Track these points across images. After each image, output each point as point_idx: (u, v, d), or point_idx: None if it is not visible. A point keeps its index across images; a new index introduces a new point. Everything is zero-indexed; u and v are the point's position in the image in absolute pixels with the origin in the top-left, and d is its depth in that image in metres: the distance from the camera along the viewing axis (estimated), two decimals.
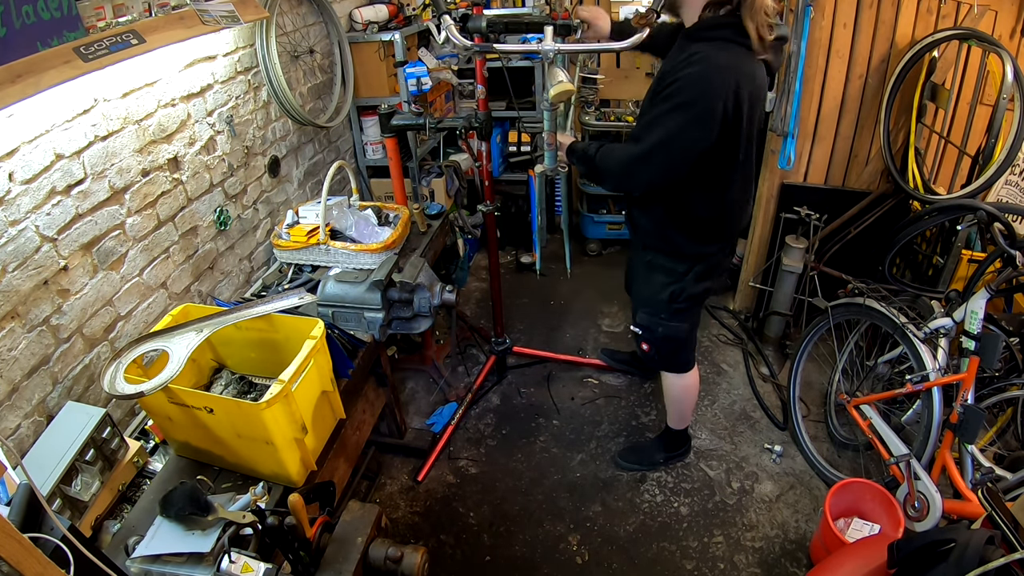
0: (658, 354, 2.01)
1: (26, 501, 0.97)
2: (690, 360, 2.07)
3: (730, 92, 1.45)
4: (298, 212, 2.29)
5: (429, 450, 2.38)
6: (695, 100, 1.47)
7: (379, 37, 2.75)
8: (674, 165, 1.58)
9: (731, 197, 1.70)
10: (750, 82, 1.50)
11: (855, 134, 2.62)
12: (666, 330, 1.92)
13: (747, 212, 1.84)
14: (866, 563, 1.39)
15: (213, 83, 2.01)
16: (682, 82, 1.48)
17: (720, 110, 1.46)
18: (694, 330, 2.02)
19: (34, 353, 1.46)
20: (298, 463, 1.48)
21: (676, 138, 1.52)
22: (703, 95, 1.46)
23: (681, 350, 2.03)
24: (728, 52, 1.46)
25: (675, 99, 1.49)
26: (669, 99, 1.51)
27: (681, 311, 1.87)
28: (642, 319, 1.96)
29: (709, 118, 1.47)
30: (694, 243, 1.77)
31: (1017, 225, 1.98)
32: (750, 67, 1.50)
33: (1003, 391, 1.86)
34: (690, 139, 1.51)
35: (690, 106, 1.48)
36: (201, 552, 1.20)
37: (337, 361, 1.69)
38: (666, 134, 1.53)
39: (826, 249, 2.69)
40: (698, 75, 1.46)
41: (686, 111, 1.49)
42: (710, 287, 1.88)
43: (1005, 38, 2.37)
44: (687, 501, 2.19)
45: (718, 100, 1.45)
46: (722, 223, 1.76)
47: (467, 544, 2.08)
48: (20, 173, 1.38)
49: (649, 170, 1.61)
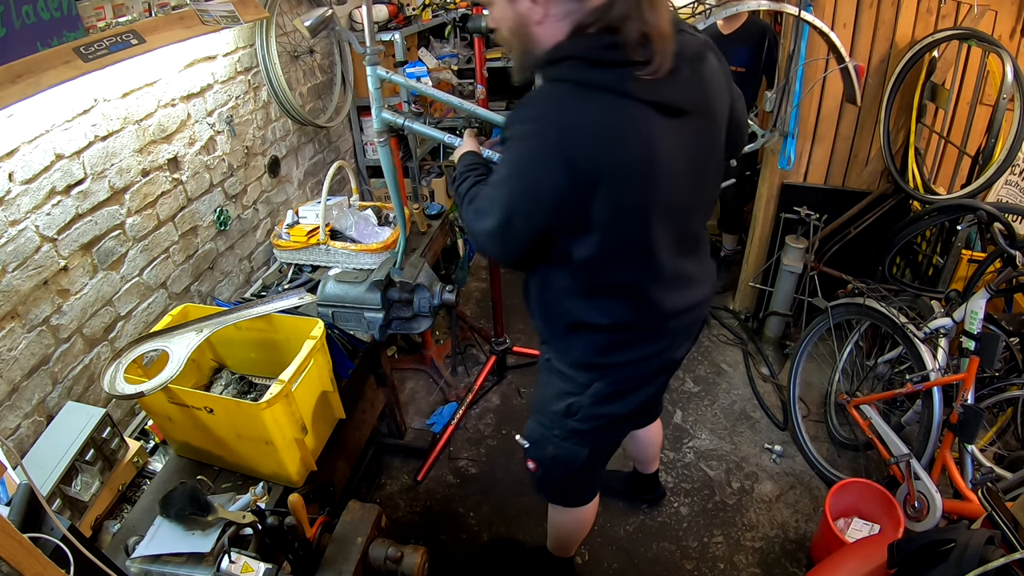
0: (546, 479, 1.51)
1: (26, 501, 0.97)
2: (586, 496, 1.61)
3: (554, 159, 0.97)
4: (298, 212, 2.29)
5: (429, 450, 2.37)
6: (517, 172, 1.04)
7: (379, 37, 2.75)
8: (522, 246, 1.13)
9: (628, 300, 1.19)
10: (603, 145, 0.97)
11: (855, 134, 2.61)
12: (558, 451, 1.41)
13: (688, 299, 1.25)
14: (866, 563, 1.39)
15: (213, 83, 2.01)
16: (511, 142, 1.06)
17: (549, 189, 1.00)
18: (599, 460, 1.52)
19: (34, 353, 1.46)
20: (298, 463, 1.48)
21: (513, 216, 1.07)
22: (521, 167, 1.03)
23: (575, 481, 1.53)
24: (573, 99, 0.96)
25: (504, 165, 1.09)
26: (502, 162, 1.11)
27: (579, 432, 1.36)
28: (531, 429, 1.46)
29: (532, 197, 1.03)
30: (589, 352, 1.27)
31: (1017, 225, 1.98)
32: (612, 121, 0.97)
33: (1003, 391, 1.86)
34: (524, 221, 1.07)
35: (511, 180, 1.06)
36: (201, 552, 1.20)
37: (337, 361, 1.69)
38: (501, 209, 1.08)
39: (826, 249, 2.69)
40: (518, 138, 1.03)
41: (511, 185, 1.06)
42: (625, 414, 1.35)
43: (1005, 38, 2.36)
44: (687, 501, 2.18)
45: (543, 174, 0.99)
46: (626, 331, 1.23)
47: (467, 544, 2.08)
48: (20, 173, 1.38)
49: (495, 248, 1.16)
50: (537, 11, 0.97)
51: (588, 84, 0.96)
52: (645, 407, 1.48)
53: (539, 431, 1.44)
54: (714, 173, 1.21)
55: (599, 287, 1.18)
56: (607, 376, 1.29)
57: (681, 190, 1.09)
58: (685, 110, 1.02)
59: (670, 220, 1.11)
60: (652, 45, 0.93)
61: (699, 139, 1.10)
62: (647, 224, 1.07)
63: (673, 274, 1.18)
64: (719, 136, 1.16)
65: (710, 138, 1.13)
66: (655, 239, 1.10)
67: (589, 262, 1.11)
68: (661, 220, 1.08)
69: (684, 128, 1.04)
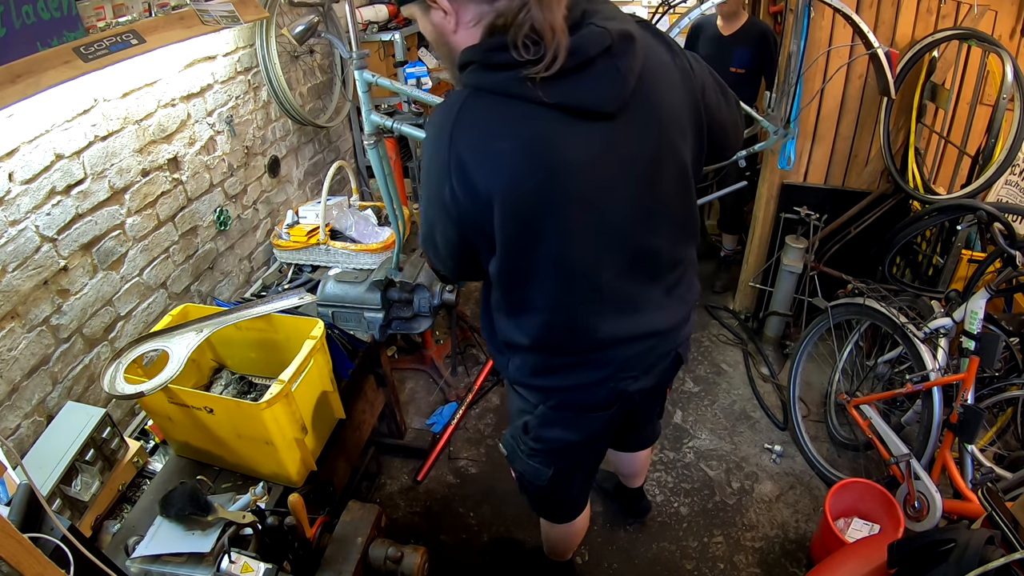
0: (523, 491, 1.49)
1: (26, 501, 0.97)
2: (565, 514, 1.58)
3: (452, 171, 0.91)
4: (298, 212, 2.29)
5: (429, 450, 2.37)
6: (426, 179, 0.99)
7: (379, 37, 2.75)
8: (451, 258, 1.09)
9: (548, 320, 1.09)
10: (495, 154, 0.90)
11: (855, 134, 2.61)
12: (523, 467, 1.38)
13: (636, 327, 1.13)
14: (866, 563, 1.39)
15: (213, 83, 2.01)
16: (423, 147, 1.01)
17: (449, 199, 0.94)
18: (570, 481, 1.44)
19: (34, 353, 1.46)
20: (298, 463, 1.48)
21: (433, 225, 1.04)
22: (428, 174, 0.98)
23: (550, 499, 1.51)
24: (469, 105, 0.91)
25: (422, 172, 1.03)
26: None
27: (538, 452, 1.33)
28: (506, 440, 1.43)
29: (440, 207, 0.97)
30: (524, 372, 1.20)
31: (1017, 225, 1.98)
32: (504, 127, 0.90)
33: (1003, 391, 1.86)
34: (440, 231, 1.03)
35: (425, 186, 1.01)
36: (201, 552, 1.20)
37: (337, 361, 1.69)
38: (423, 217, 1.06)
39: (826, 249, 2.69)
40: (425, 144, 0.99)
41: (425, 193, 1.01)
42: (579, 441, 1.28)
43: (1005, 38, 2.36)
44: (687, 501, 2.18)
45: (443, 183, 0.94)
46: (555, 355, 1.15)
47: (467, 544, 2.08)
48: (20, 173, 1.38)
49: (431, 257, 1.13)
50: (451, 20, 0.92)
51: (483, 88, 0.91)
52: (615, 435, 1.42)
53: (511, 443, 1.40)
54: (671, 181, 1.04)
55: (517, 304, 1.10)
56: (549, 399, 1.22)
57: (612, 202, 0.98)
58: (604, 111, 0.91)
59: (605, 237, 1.00)
60: (544, 42, 0.84)
61: (636, 143, 0.97)
62: (561, 240, 0.97)
63: (616, 298, 1.08)
64: (674, 139, 1.01)
65: (655, 142, 0.99)
66: (577, 256, 1.00)
67: (502, 277, 1.05)
68: (586, 236, 0.98)
69: (607, 132, 0.93)
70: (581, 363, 1.15)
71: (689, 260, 1.20)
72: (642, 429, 1.70)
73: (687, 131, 1.04)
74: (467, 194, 0.93)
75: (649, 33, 1.01)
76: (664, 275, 1.14)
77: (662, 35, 1.04)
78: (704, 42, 2.97)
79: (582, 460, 1.42)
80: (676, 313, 1.19)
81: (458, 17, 0.91)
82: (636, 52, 0.91)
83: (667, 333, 1.18)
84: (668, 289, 1.15)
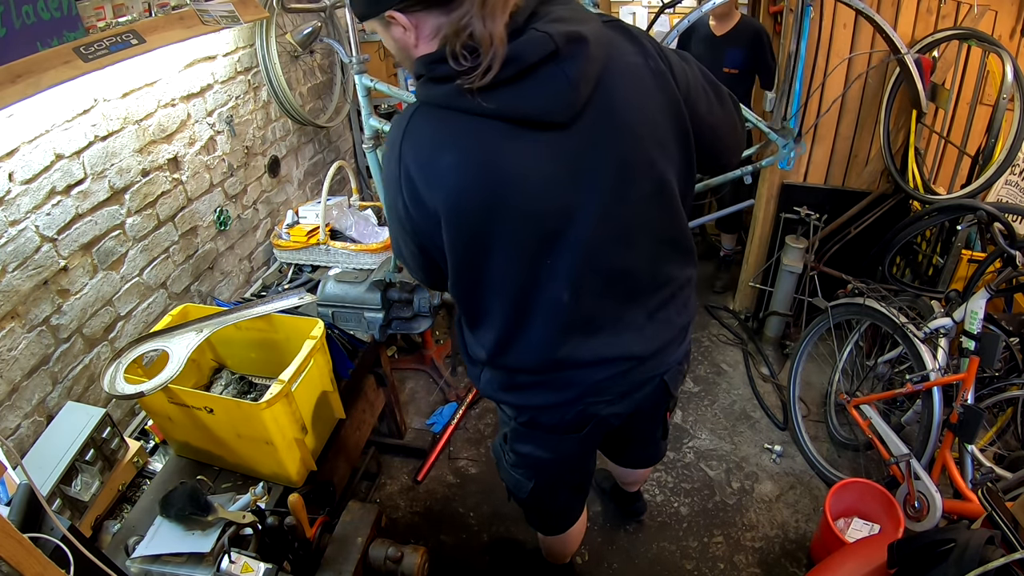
0: (511, 499, 1.46)
1: (26, 501, 0.97)
2: (553, 527, 1.56)
3: (403, 187, 0.92)
4: (298, 212, 2.29)
5: (429, 450, 2.37)
6: (384, 194, 1.00)
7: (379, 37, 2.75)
8: (419, 267, 1.07)
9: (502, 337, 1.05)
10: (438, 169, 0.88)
11: (855, 134, 2.61)
12: (506, 476, 1.37)
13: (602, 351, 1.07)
14: (866, 563, 1.39)
15: (213, 83, 2.01)
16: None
17: (403, 214, 0.95)
18: (553, 496, 1.41)
19: (34, 353, 1.46)
20: (298, 463, 1.48)
21: (396, 234, 1.04)
22: (385, 189, 0.98)
23: (535, 510, 1.50)
24: (415, 119, 0.91)
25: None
26: None
27: (516, 465, 1.31)
28: (493, 447, 1.41)
29: (397, 221, 0.99)
30: (492, 386, 1.17)
31: (1017, 225, 1.98)
32: (447, 141, 0.88)
33: (1003, 391, 1.86)
34: (404, 243, 1.03)
35: (384, 200, 1.01)
36: (201, 552, 1.20)
37: (337, 361, 1.69)
38: (389, 231, 1.08)
39: (826, 249, 2.69)
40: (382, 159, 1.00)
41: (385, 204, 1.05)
42: (552, 460, 1.25)
43: (1005, 38, 2.36)
44: (687, 501, 2.18)
45: (396, 198, 0.94)
46: (514, 372, 1.11)
47: (467, 544, 2.08)
48: (20, 173, 1.38)
49: (405, 266, 1.12)
50: (411, 35, 0.89)
51: (429, 102, 0.89)
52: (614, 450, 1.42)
53: (497, 451, 1.38)
54: (647, 196, 0.97)
55: (474, 318, 1.08)
56: (520, 415, 1.19)
57: (572, 217, 0.92)
58: (552, 121, 0.87)
59: (566, 254, 0.94)
60: (481, 51, 0.80)
61: (597, 155, 0.91)
62: (510, 256, 0.94)
63: (581, 318, 1.02)
64: (646, 149, 0.94)
65: (621, 153, 0.92)
66: (531, 273, 0.96)
67: (456, 291, 1.03)
68: (539, 252, 0.94)
69: (558, 142, 0.88)
70: (543, 383, 1.10)
71: (681, 282, 1.11)
72: (642, 448, 1.60)
73: (666, 140, 0.97)
74: (417, 209, 0.92)
75: (618, 33, 0.94)
76: (645, 297, 1.07)
77: (635, 35, 0.96)
78: (696, 43, 2.95)
79: (563, 478, 1.37)
80: (659, 338, 1.11)
81: (418, 32, 0.89)
82: (590, 55, 0.85)
83: (647, 359, 1.11)
84: (651, 312, 1.08)
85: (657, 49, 0.97)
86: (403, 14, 0.86)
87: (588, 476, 1.46)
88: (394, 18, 0.87)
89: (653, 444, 1.57)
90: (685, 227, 1.07)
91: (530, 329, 1.02)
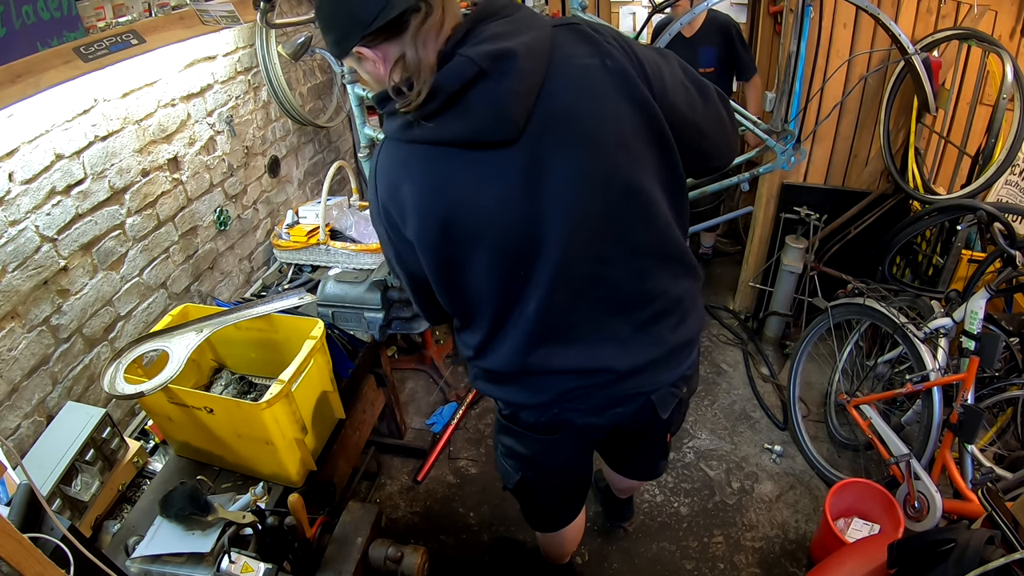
0: (504, 487, 1.46)
1: (26, 501, 0.97)
2: (546, 524, 1.56)
3: (383, 218, 0.99)
4: (298, 212, 2.29)
5: (429, 450, 2.37)
6: (371, 221, 1.09)
7: None
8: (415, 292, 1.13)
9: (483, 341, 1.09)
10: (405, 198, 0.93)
11: (855, 134, 2.61)
12: (499, 464, 1.38)
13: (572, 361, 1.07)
14: (866, 563, 1.39)
15: (213, 83, 2.01)
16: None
17: (385, 239, 1.04)
18: (542, 493, 1.42)
19: (34, 353, 1.46)
20: (298, 463, 1.48)
21: (388, 260, 1.11)
22: (373, 222, 1.06)
23: (524, 505, 1.50)
24: (383, 153, 0.97)
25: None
26: None
27: (505, 455, 1.33)
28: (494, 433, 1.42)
29: (385, 244, 1.07)
30: (482, 379, 1.20)
31: (1017, 225, 1.98)
32: (406, 171, 0.93)
33: (1003, 391, 1.86)
34: (393, 263, 1.10)
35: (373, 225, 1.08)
36: (201, 552, 1.20)
37: (337, 361, 1.69)
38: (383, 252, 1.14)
39: (826, 249, 2.69)
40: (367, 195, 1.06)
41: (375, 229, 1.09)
42: (530, 456, 1.27)
43: (1005, 38, 2.36)
44: (687, 501, 2.18)
45: (379, 226, 1.03)
46: (493, 373, 1.14)
47: (467, 544, 2.08)
48: (20, 173, 1.38)
49: (406, 291, 1.18)
50: (379, 66, 0.90)
51: (389, 136, 0.95)
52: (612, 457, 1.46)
53: (495, 438, 1.38)
54: (621, 204, 0.95)
55: (461, 322, 1.13)
56: (504, 408, 1.24)
57: (538, 230, 0.93)
58: (495, 140, 0.87)
59: (534, 266, 0.96)
60: (414, 81, 0.84)
61: (553, 165, 0.89)
62: (479, 271, 0.97)
63: (553, 327, 1.02)
64: (612, 155, 0.92)
65: (582, 161, 0.90)
66: (502, 285, 0.98)
67: (443, 302, 1.09)
68: (507, 265, 0.96)
69: (509, 159, 0.89)
70: (517, 382, 1.13)
71: (675, 296, 1.07)
72: (639, 462, 1.56)
73: (632, 142, 0.93)
74: (398, 237, 1.00)
75: (570, 36, 0.92)
76: (632, 310, 1.04)
77: (591, 36, 0.93)
78: (667, 47, 2.93)
79: (547, 480, 1.37)
80: (644, 354, 1.07)
81: (385, 64, 0.90)
82: (520, 70, 0.83)
83: (627, 375, 1.08)
84: (639, 326, 1.06)
85: (623, 47, 0.94)
86: (368, 48, 0.88)
87: (575, 483, 1.44)
88: (361, 53, 0.90)
89: (650, 461, 1.54)
90: (674, 237, 1.03)
91: (505, 336, 1.06)
